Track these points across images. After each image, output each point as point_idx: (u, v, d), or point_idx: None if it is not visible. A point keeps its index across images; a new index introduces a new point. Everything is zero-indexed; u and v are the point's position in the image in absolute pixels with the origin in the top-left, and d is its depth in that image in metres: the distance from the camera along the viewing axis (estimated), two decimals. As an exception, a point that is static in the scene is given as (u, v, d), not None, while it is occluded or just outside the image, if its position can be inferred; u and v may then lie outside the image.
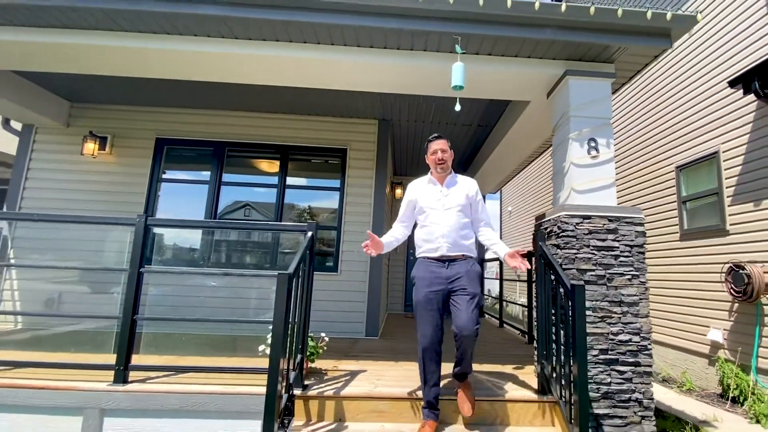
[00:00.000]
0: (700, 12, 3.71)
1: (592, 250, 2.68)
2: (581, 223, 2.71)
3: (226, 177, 4.83)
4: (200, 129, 4.86)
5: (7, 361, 2.76)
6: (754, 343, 4.33)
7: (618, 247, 2.69)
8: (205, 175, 4.82)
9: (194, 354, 3.21)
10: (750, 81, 4.22)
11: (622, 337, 2.59)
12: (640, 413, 2.53)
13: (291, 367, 2.45)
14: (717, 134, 5.01)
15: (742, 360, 4.48)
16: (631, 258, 2.69)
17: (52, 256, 4.49)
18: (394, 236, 2.64)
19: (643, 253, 2.71)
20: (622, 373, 2.56)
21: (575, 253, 2.67)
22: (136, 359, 2.64)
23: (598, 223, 2.71)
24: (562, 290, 2.47)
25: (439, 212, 2.52)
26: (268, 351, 2.66)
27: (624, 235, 2.71)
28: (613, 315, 2.61)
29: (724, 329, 4.79)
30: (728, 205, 4.83)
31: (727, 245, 4.80)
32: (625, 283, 2.65)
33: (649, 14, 2.72)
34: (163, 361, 3.02)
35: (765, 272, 4.25)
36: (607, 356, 2.57)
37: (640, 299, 2.63)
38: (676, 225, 5.68)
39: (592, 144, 2.91)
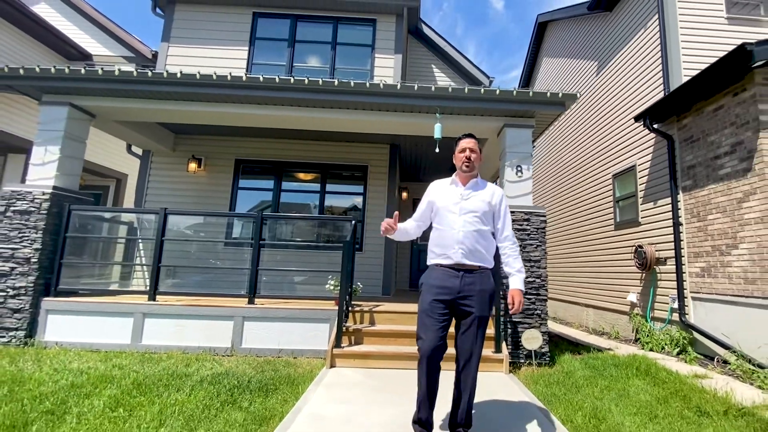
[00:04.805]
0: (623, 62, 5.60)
1: (515, 231, 4.66)
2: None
3: (284, 185, 6.90)
4: (265, 152, 6.94)
5: (197, 292, 4.93)
6: (649, 299, 6.28)
7: (530, 229, 4.68)
8: (269, 184, 6.90)
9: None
10: (645, 118, 6.16)
11: (529, 279, 4.58)
12: (539, 321, 4.53)
13: (347, 294, 4.50)
14: (634, 152, 6.94)
15: (645, 312, 6.42)
16: (537, 236, 4.68)
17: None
18: (406, 228, 2.55)
19: (545, 233, 4.69)
20: (529, 299, 4.56)
21: (504, 233, 4.66)
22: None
23: (519, 216, 4.70)
24: (493, 252, 4.46)
25: (456, 216, 2.35)
26: (331, 288, 4.73)
27: (533, 223, 4.70)
28: (525, 267, 4.60)
29: (637, 293, 6.72)
30: (640, 204, 6.76)
31: (640, 233, 6.73)
32: (533, 249, 4.65)
33: (548, 94, 4.69)
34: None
35: (656, 250, 6.21)
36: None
37: (541, 259, 4.62)
38: (612, 218, 7.61)
39: (519, 169, 4.89)
